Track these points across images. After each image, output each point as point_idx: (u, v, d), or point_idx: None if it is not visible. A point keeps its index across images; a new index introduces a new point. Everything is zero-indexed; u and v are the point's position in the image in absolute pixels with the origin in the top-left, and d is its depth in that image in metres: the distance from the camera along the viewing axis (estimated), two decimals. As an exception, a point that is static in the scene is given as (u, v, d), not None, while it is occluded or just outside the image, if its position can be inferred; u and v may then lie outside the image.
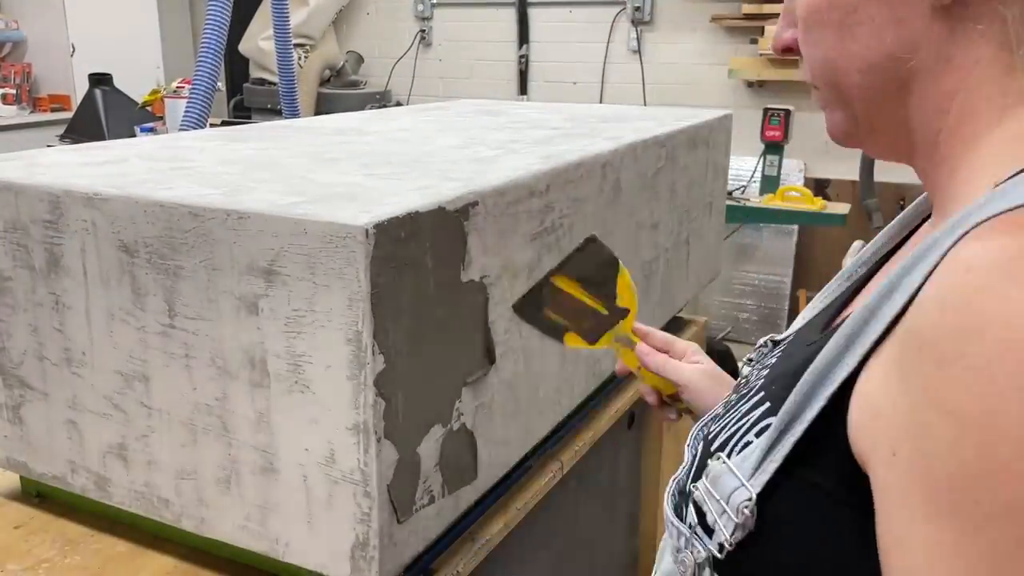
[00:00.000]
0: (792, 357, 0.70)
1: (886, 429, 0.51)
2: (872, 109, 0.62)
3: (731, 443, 0.65)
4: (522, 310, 0.81)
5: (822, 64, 0.64)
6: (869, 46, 0.60)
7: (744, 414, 0.67)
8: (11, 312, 0.92)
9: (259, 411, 0.79)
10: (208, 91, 2.00)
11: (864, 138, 0.66)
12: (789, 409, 0.58)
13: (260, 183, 0.86)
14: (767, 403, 0.65)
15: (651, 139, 1.26)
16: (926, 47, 0.58)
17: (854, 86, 0.62)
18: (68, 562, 0.90)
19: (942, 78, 0.58)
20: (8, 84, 5.03)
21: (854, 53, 0.60)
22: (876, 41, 0.59)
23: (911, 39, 0.58)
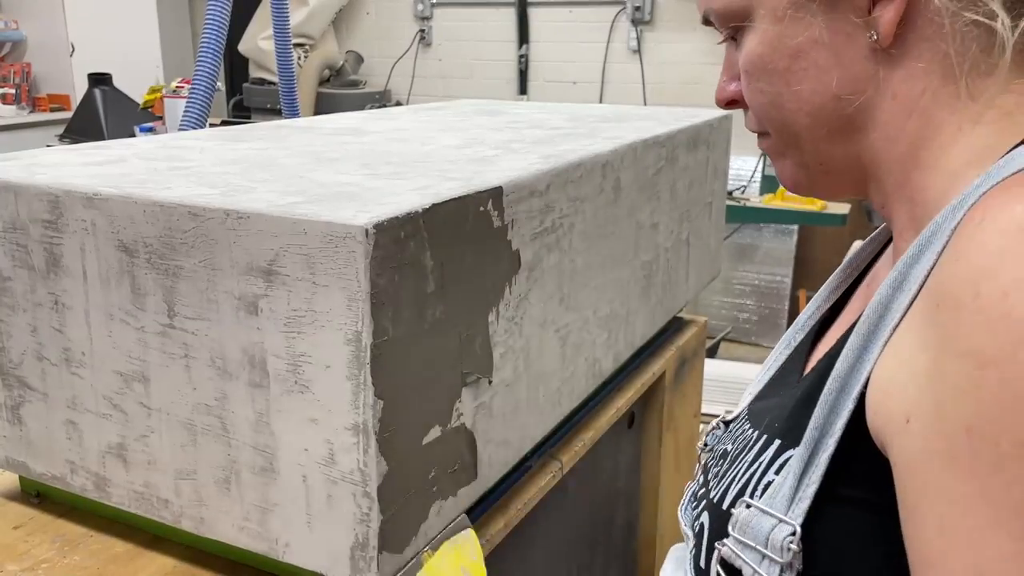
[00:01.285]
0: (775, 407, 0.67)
1: (900, 397, 0.50)
2: (823, 150, 0.63)
3: (749, 489, 0.62)
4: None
5: (769, 111, 0.64)
6: (815, 90, 0.61)
7: (751, 461, 0.64)
8: (10, 312, 0.92)
9: (258, 411, 0.79)
10: (208, 91, 2.00)
11: (817, 181, 0.67)
12: (816, 425, 0.56)
13: (259, 183, 0.86)
14: (776, 441, 0.62)
15: (651, 139, 1.26)
16: (871, 86, 0.59)
17: (803, 128, 0.63)
18: (67, 562, 0.90)
19: (890, 112, 0.60)
20: (8, 84, 5.04)
21: (801, 97, 0.61)
22: (821, 84, 0.60)
23: (855, 79, 0.59)
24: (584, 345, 1.14)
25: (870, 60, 0.59)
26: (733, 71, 0.67)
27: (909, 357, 0.50)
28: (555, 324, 1.04)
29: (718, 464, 0.71)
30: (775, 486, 0.59)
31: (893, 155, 0.61)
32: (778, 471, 0.60)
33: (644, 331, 1.37)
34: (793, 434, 0.60)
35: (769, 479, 0.60)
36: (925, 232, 0.54)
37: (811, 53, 0.60)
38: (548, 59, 4.88)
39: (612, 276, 1.19)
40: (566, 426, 1.19)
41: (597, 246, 1.13)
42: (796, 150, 0.65)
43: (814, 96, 0.61)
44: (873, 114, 0.60)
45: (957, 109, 0.57)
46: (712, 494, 0.67)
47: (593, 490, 1.39)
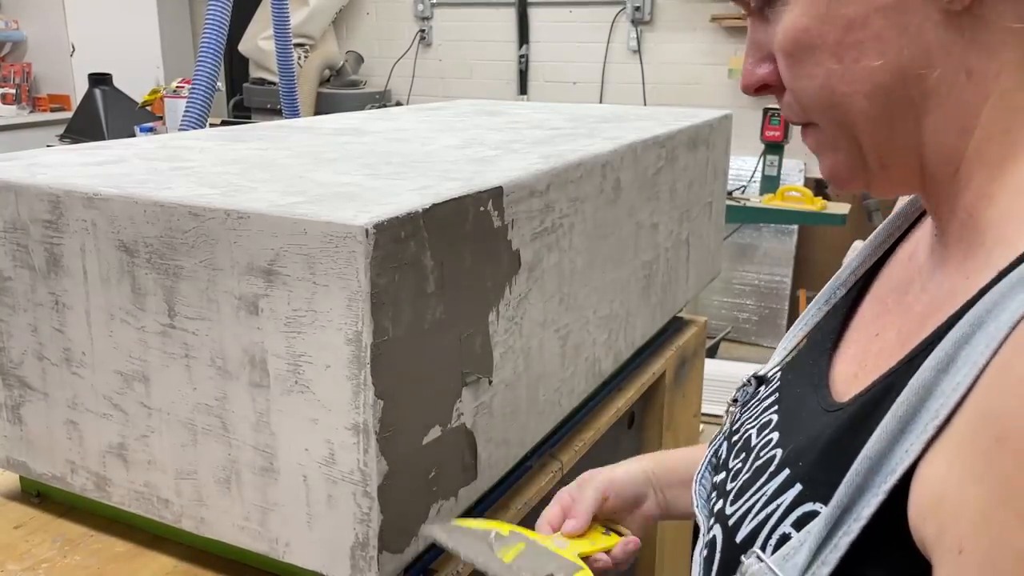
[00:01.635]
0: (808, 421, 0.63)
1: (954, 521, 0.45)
2: (883, 139, 0.54)
3: (762, 535, 0.58)
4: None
5: (818, 95, 0.55)
6: (875, 67, 0.52)
7: (770, 497, 0.60)
8: (11, 312, 0.93)
9: (259, 411, 0.79)
10: (208, 91, 2.00)
11: (874, 176, 0.57)
12: (840, 503, 0.51)
13: (260, 183, 0.86)
14: (797, 485, 0.58)
15: (651, 139, 1.26)
16: (941, 59, 0.50)
17: (860, 114, 0.54)
18: (68, 562, 0.90)
19: (963, 93, 0.51)
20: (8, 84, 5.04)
21: (857, 75, 0.52)
22: (882, 60, 0.51)
23: (923, 51, 0.50)
24: (584, 345, 1.14)
25: (941, 28, 0.49)
26: (761, 51, 0.59)
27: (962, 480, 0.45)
28: (555, 324, 1.04)
29: (739, 456, 0.69)
30: (790, 547, 0.55)
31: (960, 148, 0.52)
32: (795, 523, 0.56)
33: (644, 331, 1.37)
34: (815, 486, 0.56)
35: (785, 531, 0.57)
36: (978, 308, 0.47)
37: (869, 22, 0.51)
38: (548, 59, 4.88)
39: (612, 276, 1.19)
40: (566, 426, 1.19)
41: (597, 246, 1.13)
42: (851, 141, 0.56)
43: (873, 74, 0.52)
44: (945, 94, 0.51)
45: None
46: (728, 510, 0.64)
47: (593, 490, 1.39)
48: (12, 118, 4.86)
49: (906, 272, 0.66)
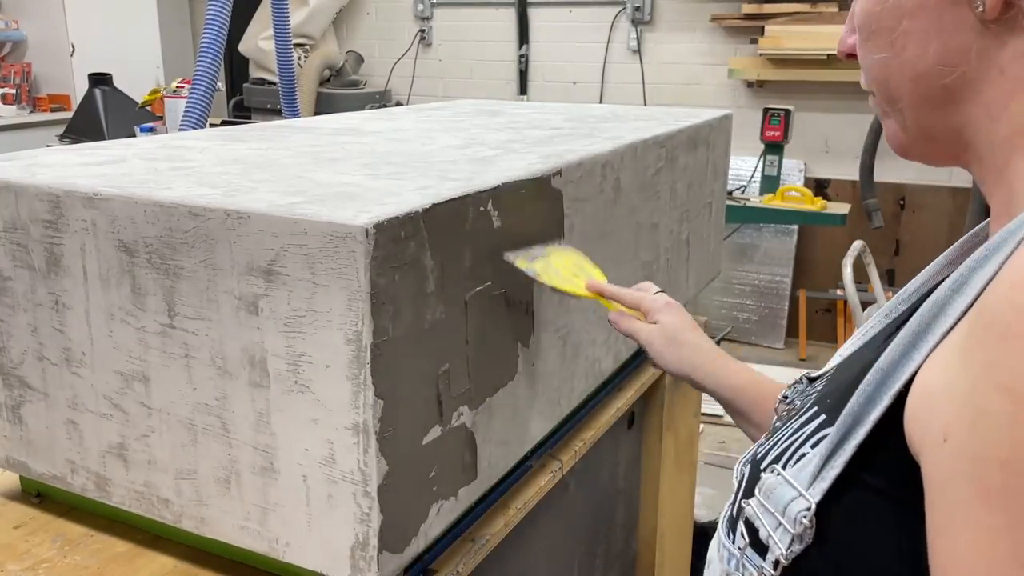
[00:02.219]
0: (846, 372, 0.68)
1: (940, 412, 0.50)
2: (923, 117, 0.63)
3: (785, 456, 0.64)
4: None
5: (876, 70, 0.64)
6: (917, 55, 0.60)
7: (797, 429, 0.65)
8: (11, 312, 0.93)
9: (259, 411, 0.79)
10: (208, 91, 2.00)
11: (917, 146, 0.65)
12: (851, 411, 0.57)
13: (260, 183, 0.86)
14: (822, 415, 0.63)
15: (651, 139, 1.26)
16: (976, 58, 0.58)
17: (905, 93, 0.62)
18: (68, 562, 0.90)
19: (994, 88, 0.58)
20: (8, 84, 5.03)
21: (904, 61, 0.61)
22: (923, 51, 0.59)
23: (958, 50, 0.58)
24: (584, 345, 1.14)
25: (974, 31, 0.57)
26: (854, 23, 0.67)
27: (953, 372, 0.50)
28: (555, 324, 1.04)
29: (781, 420, 0.72)
30: (806, 459, 0.61)
31: (995, 135, 0.59)
32: (814, 445, 0.61)
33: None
34: (834, 412, 0.61)
35: (804, 451, 0.62)
36: (994, 239, 0.53)
37: (917, 17, 0.59)
38: (548, 59, 4.88)
39: (612, 276, 1.19)
40: (566, 426, 1.19)
41: (597, 246, 1.13)
42: (898, 113, 0.64)
43: (917, 61, 0.60)
44: (977, 88, 0.59)
45: None
46: (758, 451, 0.69)
47: (593, 490, 1.39)
48: (12, 118, 4.86)
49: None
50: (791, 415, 0.70)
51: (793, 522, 0.59)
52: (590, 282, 0.97)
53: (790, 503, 0.59)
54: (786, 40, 4.09)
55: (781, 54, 4.12)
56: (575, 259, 0.99)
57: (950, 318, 0.52)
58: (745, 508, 0.64)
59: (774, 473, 0.63)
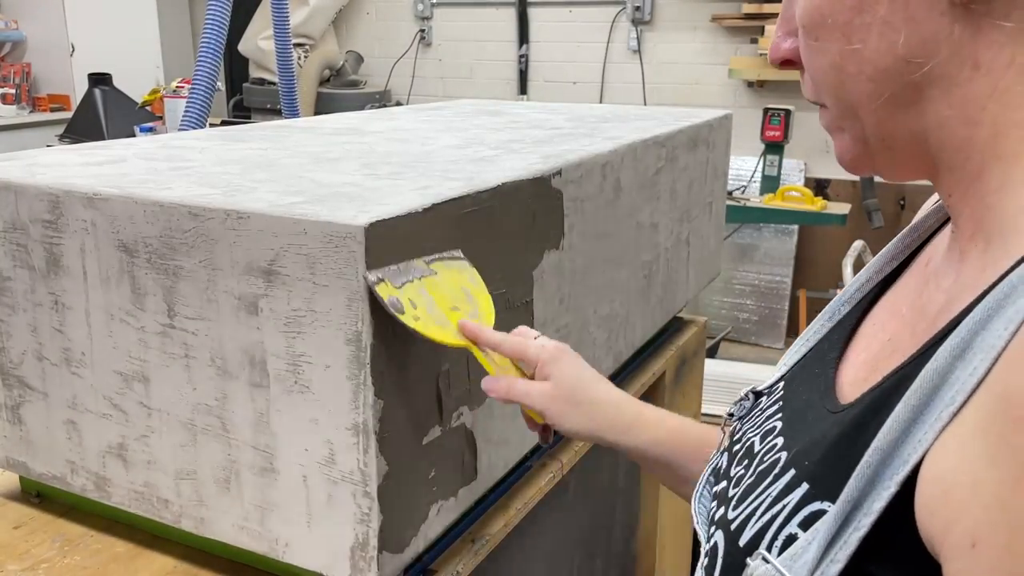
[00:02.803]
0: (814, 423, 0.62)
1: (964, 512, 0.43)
2: (886, 123, 0.55)
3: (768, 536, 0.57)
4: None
5: (828, 74, 0.57)
6: (880, 49, 0.53)
7: (775, 499, 0.58)
8: (11, 312, 0.92)
9: (259, 411, 0.79)
10: (208, 91, 2.00)
11: (878, 159, 0.58)
12: (850, 497, 0.50)
13: (260, 183, 0.86)
14: (804, 484, 0.57)
15: (651, 139, 1.26)
16: (947, 49, 0.51)
17: (864, 96, 0.55)
18: (68, 562, 0.90)
19: (969, 85, 0.51)
20: (8, 84, 5.03)
21: (864, 58, 0.53)
22: (888, 43, 0.52)
23: (929, 40, 0.51)
24: (584, 345, 1.14)
25: (946, 16, 0.50)
26: (790, 24, 0.60)
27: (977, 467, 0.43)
28: (555, 324, 1.04)
29: (741, 463, 0.67)
30: (798, 547, 0.53)
31: (969, 140, 0.52)
32: (802, 523, 0.55)
33: (644, 331, 1.37)
34: (822, 484, 0.55)
35: (792, 531, 0.55)
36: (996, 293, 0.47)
37: (877, 6, 0.52)
38: (548, 59, 4.88)
39: (612, 276, 1.19)
40: (566, 426, 1.19)
41: (597, 246, 1.13)
42: (856, 121, 0.57)
43: (878, 57, 0.53)
44: (949, 85, 0.51)
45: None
46: (731, 515, 0.63)
47: (593, 490, 1.39)
48: (12, 118, 4.85)
49: (921, 277, 0.65)
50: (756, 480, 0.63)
51: None
52: (464, 323, 0.77)
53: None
54: (786, 40, 4.07)
55: (781, 54, 4.11)
56: (460, 281, 0.80)
57: (956, 392, 0.46)
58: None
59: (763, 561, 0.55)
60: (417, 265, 0.76)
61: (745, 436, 0.70)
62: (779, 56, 0.62)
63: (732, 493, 0.64)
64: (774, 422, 0.67)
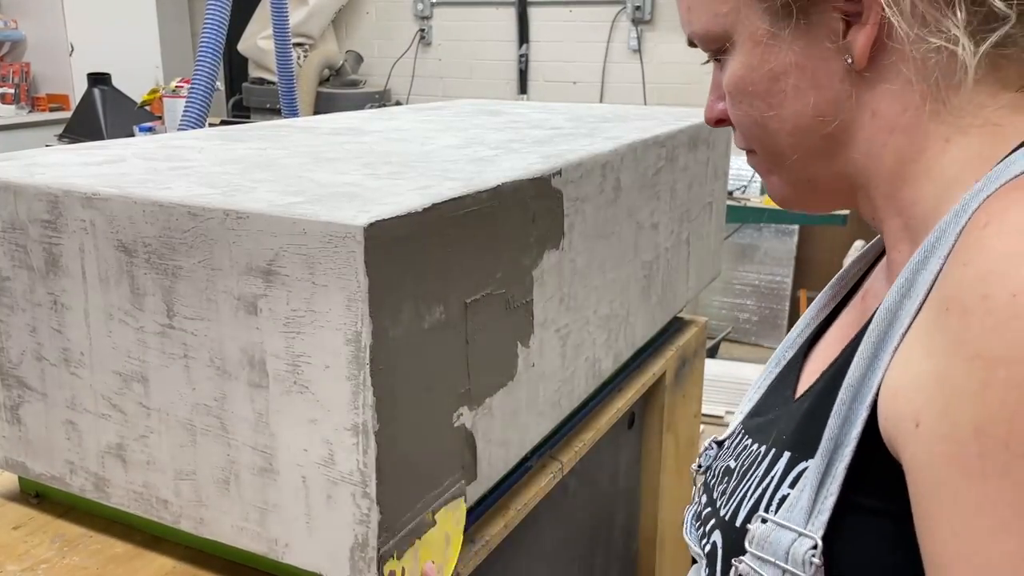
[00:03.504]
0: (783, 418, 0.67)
1: (909, 402, 0.50)
2: (807, 168, 0.64)
3: (763, 505, 0.61)
4: None
5: (753, 130, 0.65)
6: (795, 110, 0.62)
7: (762, 476, 0.63)
8: (9, 312, 0.92)
9: (258, 412, 0.79)
10: (207, 90, 2.00)
11: (805, 197, 0.68)
12: (831, 435, 0.56)
13: (259, 183, 0.85)
14: (785, 453, 0.62)
15: (651, 139, 1.26)
16: (849, 106, 0.60)
17: (787, 147, 0.64)
18: (67, 562, 0.90)
19: (871, 130, 0.60)
20: (7, 84, 5.03)
21: (782, 118, 0.63)
22: (800, 105, 0.61)
23: (832, 101, 0.60)
24: (584, 345, 1.14)
25: (846, 82, 0.60)
26: (719, 90, 0.68)
27: (917, 363, 0.50)
28: (555, 324, 1.04)
29: (723, 482, 0.70)
30: (791, 499, 0.58)
31: (879, 170, 0.61)
32: (792, 484, 0.59)
33: (644, 331, 1.37)
34: (804, 446, 0.59)
35: (784, 493, 0.59)
36: (929, 238, 0.54)
37: (789, 76, 0.61)
38: (548, 59, 4.88)
39: (612, 276, 1.19)
40: (566, 426, 1.19)
41: (597, 246, 1.12)
42: (781, 168, 0.66)
43: (794, 117, 0.62)
44: (855, 132, 0.61)
45: (942, 123, 0.58)
46: (723, 511, 0.66)
47: (593, 491, 1.39)
48: (11, 118, 4.85)
49: (859, 309, 0.71)
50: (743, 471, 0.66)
51: (801, 565, 0.55)
52: (426, 568, 0.82)
53: (792, 546, 0.56)
54: (786, 40, 4.08)
55: (781, 54, 4.11)
56: (447, 526, 0.84)
57: (905, 319, 0.53)
58: (738, 566, 0.60)
59: (762, 522, 0.59)
60: (426, 519, 0.81)
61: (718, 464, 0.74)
62: (712, 116, 0.70)
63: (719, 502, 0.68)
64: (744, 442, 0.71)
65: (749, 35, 0.62)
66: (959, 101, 0.57)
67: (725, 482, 0.69)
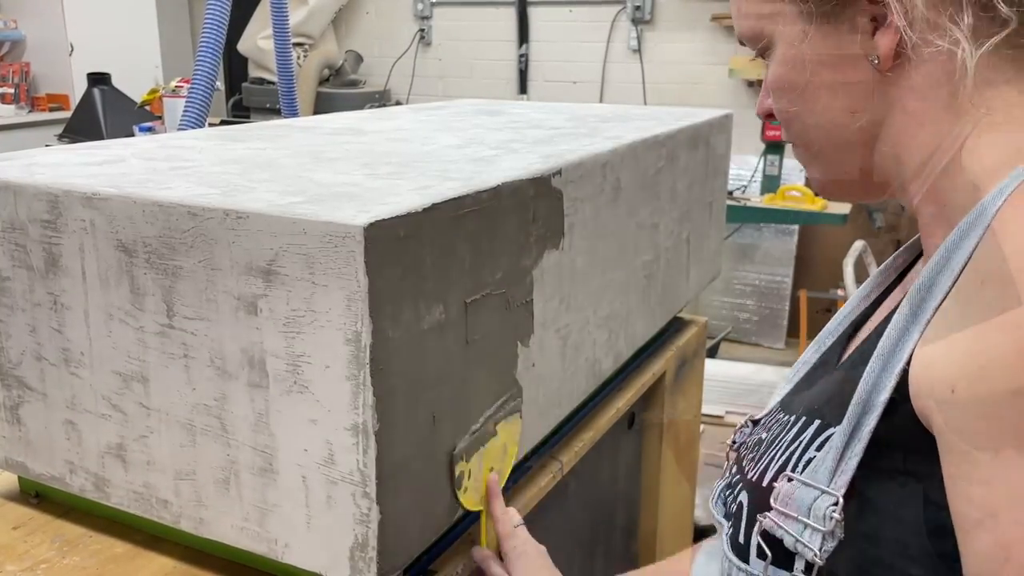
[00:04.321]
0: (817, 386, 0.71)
1: (944, 371, 0.53)
2: (843, 159, 0.70)
3: (789, 466, 0.65)
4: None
5: (792, 124, 0.71)
6: (828, 107, 0.68)
7: (791, 441, 0.67)
8: (9, 312, 0.92)
9: (258, 412, 0.79)
10: (207, 90, 2.00)
11: (843, 187, 0.73)
12: (859, 400, 0.59)
13: (259, 183, 0.85)
14: (816, 420, 0.65)
15: (651, 139, 1.26)
16: (878, 102, 0.65)
17: (823, 141, 0.69)
18: (67, 563, 0.90)
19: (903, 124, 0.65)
20: (7, 83, 5.03)
21: (816, 112, 0.68)
22: (833, 101, 0.67)
23: (863, 97, 0.66)
24: (584, 345, 1.14)
25: (874, 80, 0.65)
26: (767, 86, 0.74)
27: (952, 332, 0.53)
28: (555, 324, 1.04)
29: (753, 451, 0.74)
30: (816, 461, 0.62)
31: (911, 163, 0.65)
32: (818, 448, 0.63)
33: (644, 331, 1.37)
34: (833, 413, 0.63)
35: (810, 456, 0.63)
36: (966, 219, 0.57)
37: (821, 74, 0.67)
38: (548, 59, 4.88)
39: (612, 276, 1.19)
40: (566, 426, 1.19)
41: (597, 246, 1.12)
42: (819, 160, 0.71)
43: (827, 112, 0.67)
44: (885, 127, 0.66)
45: (970, 120, 0.62)
46: (750, 475, 0.70)
47: (593, 490, 1.39)
48: (11, 118, 4.85)
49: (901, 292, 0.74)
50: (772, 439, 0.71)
51: (822, 520, 0.60)
52: (490, 478, 0.90)
53: (814, 503, 0.61)
54: (786, 40, 4.08)
55: (781, 54, 4.11)
56: (506, 437, 0.93)
57: (939, 294, 0.56)
58: (762, 522, 0.64)
59: (787, 481, 0.63)
60: (488, 429, 0.90)
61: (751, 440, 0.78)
62: (762, 111, 0.75)
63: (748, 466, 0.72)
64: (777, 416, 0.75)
65: (787, 36, 0.68)
66: (984, 99, 0.61)
67: (755, 451, 0.73)
